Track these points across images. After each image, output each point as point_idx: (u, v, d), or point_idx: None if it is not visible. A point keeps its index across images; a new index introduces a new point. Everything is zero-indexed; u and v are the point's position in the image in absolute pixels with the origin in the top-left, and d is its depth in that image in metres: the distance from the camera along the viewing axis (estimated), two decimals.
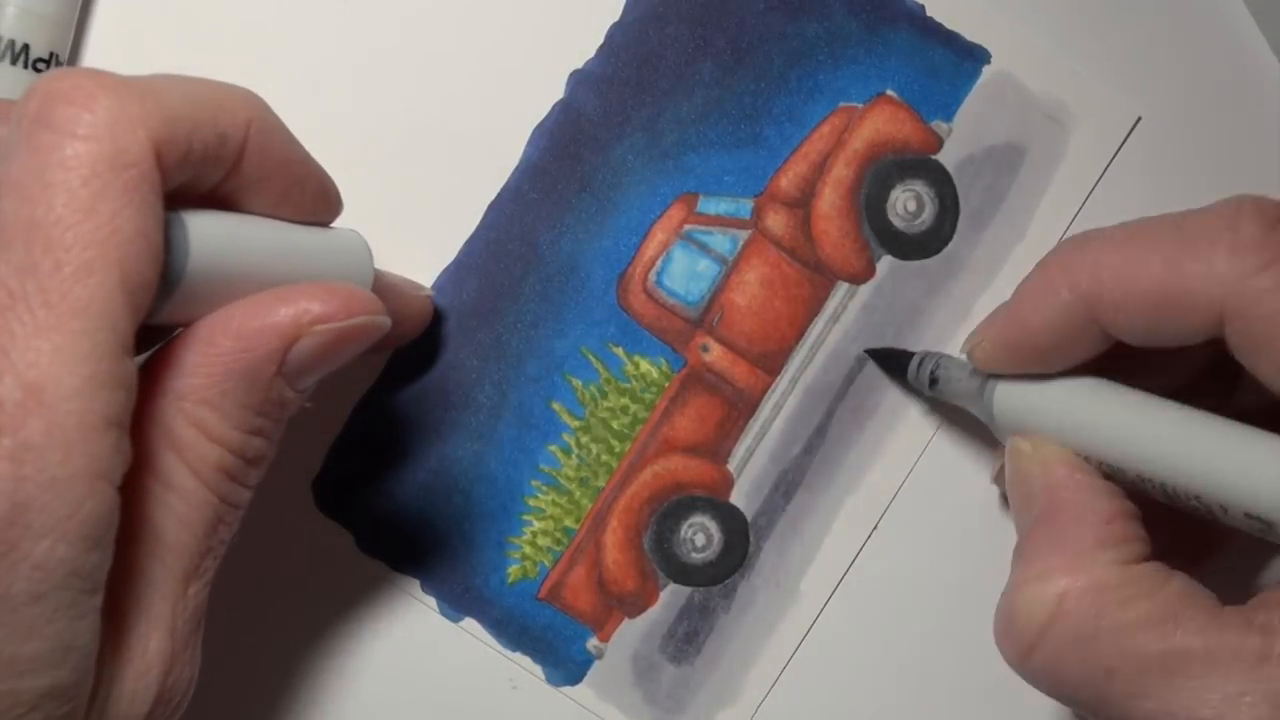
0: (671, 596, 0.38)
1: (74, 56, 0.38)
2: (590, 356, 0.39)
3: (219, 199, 0.29)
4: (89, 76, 0.25)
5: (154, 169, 0.25)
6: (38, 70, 0.36)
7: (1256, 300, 0.27)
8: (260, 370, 0.28)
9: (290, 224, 0.30)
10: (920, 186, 0.39)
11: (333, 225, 0.32)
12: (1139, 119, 0.39)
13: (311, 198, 0.30)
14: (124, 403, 0.25)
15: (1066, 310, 0.30)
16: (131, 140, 0.25)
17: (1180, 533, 0.32)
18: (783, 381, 0.39)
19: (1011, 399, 0.33)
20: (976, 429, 0.39)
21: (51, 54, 0.37)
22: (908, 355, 0.38)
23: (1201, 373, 0.33)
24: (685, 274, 0.39)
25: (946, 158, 0.39)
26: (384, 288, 0.33)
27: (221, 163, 0.28)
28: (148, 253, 0.25)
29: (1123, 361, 0.31)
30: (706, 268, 0.39)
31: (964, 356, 0.35)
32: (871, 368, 0.39)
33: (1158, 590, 0.29)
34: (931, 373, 0.37)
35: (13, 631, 0.24)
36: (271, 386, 0.28)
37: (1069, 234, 0.39)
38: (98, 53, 0.38)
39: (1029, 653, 0.30)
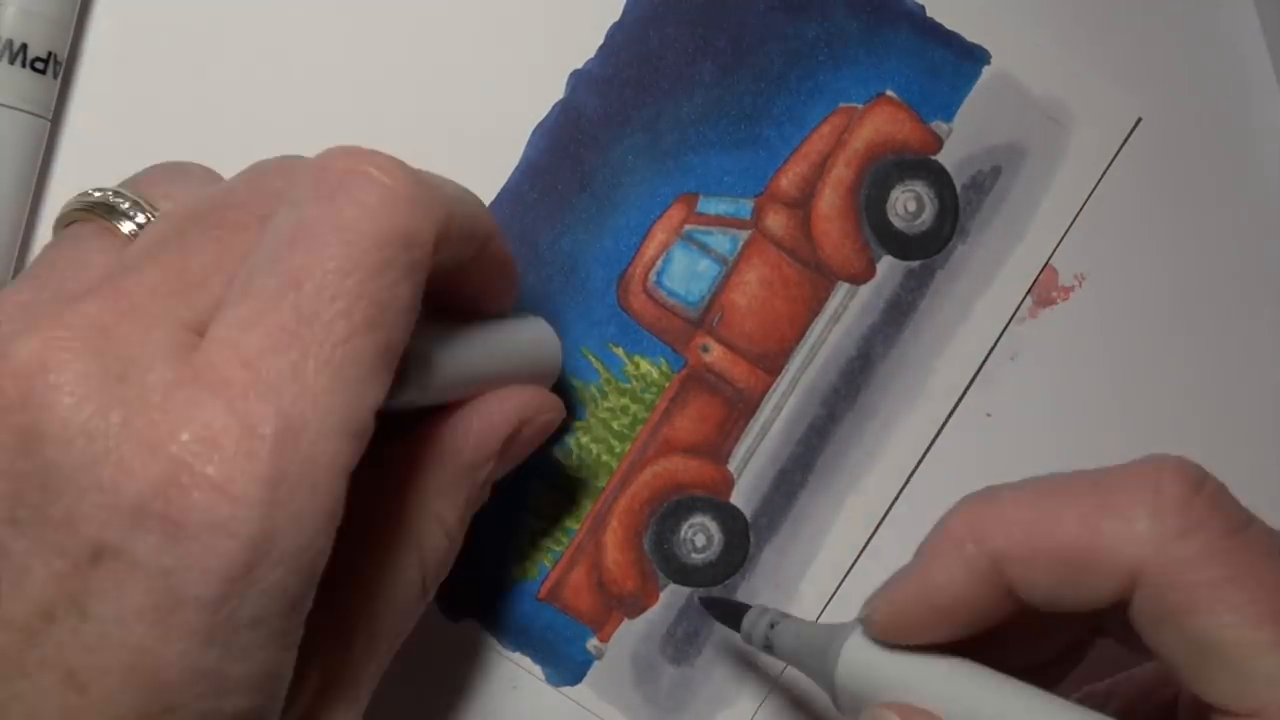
0: (671, 597, 0.38)
1: (73, 56, 0.38)
2: (590, 357, 0.39)
3: (451, 282, 0.31)
4: (385, 156, 0.27)
5: (429, 255, 0.27)
6: (36, 69, 0.36)
7: (1171, 570, 0.25)
8: (485, 463, 0.32)
9: (507, 324, 0.34)
10: (920, 187, 0.39)
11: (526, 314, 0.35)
12: (1139, 120, 0.39)
13: (507, 299, 0.34)
14: (361, 450, 0.26)
15: (971, 566, 0.28)
16: (421, 224, 0.27)
17: None
18: (783, 382, 0.39)
19: (861, 667, 0.30)
20: (980, 428, 0.39)
21: (50, 53, 0.36)
22: (744, 608, 0.35)
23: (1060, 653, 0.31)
24: (685, 274, 0.39)
25: (946, 158, 0.39)
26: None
27: (466, 255, 0.30)
28: (408, 328, 0.27)
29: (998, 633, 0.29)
30: (707, 268, 0.39)
31: (795, 617, 0.33)
32: (872, 367, 0.39)
33: None
34: (766, 633, 0.34)
35: (228, 652, 0.24)
36: (486, 484, 0.32)
37: (1068, 239, 0.39)
38: (97, 53, 0.38)
39: None
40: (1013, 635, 0.29)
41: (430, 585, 0.31)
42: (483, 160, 0.38)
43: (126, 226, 0.29)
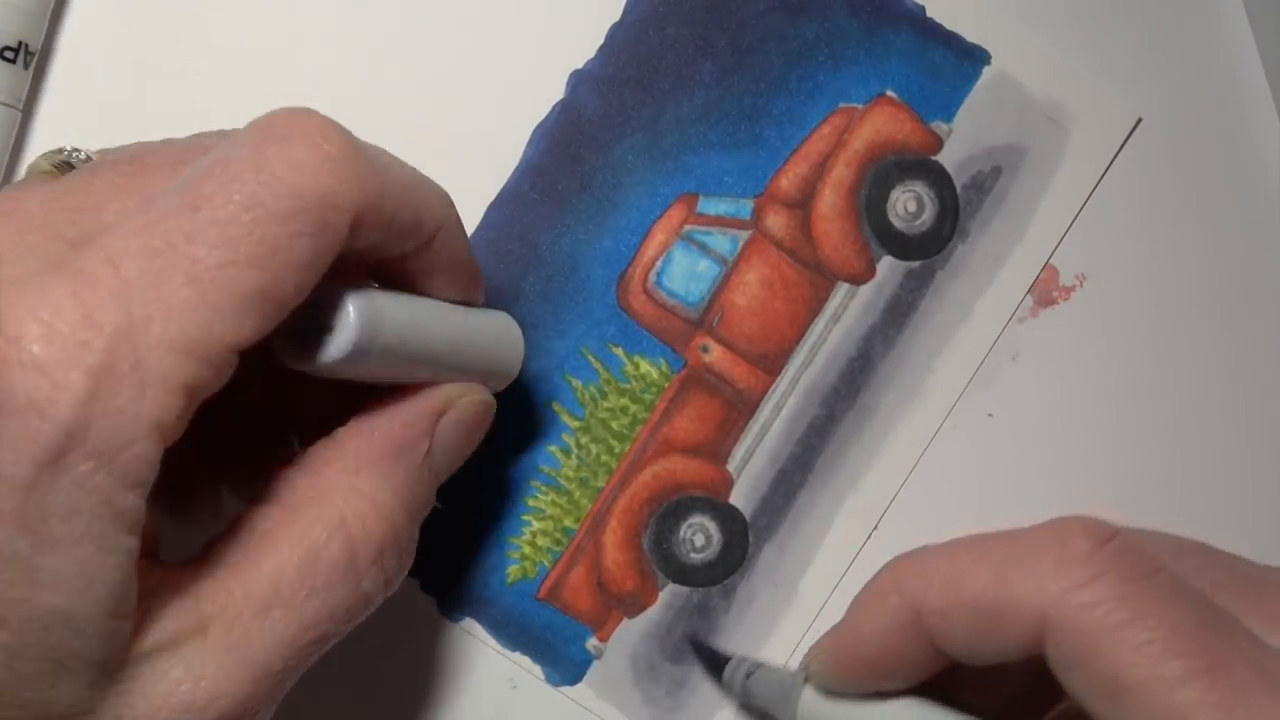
0: (671, 597, 0.39)
1: (47, 47, 0.38)
2: (590, 357, 0.39)
3: (395, 271, 0.31)
4: (332, 123, 0.27)
5: (348, 225, 0.27)
6: (5, 59, 0.36)
7: (1076, 615, 0.26)
8: (416, 445, 0.31)
9: (462, 309, 0.33)
10: (920, 187, 0.39)
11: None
12: (1139, 120, 0.39)
13: (468, 289, 0.33)
14: (206, 384, 0.26)
15: (894, 617, 0.29)
16: (346, 190, 0.27)
17: None
18: (783, 382, 0.39)
19: (816, 713, 0.31)
20: (979, 429, 0.39)
21: (20, 43, 0.36)
22: (725, 658, 0.36)
23: (1025, 691, 0.32)
24: (685, 274, 0.39)
25: (946, 158, 0.39)
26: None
27: (407, 244, 0.30)
28: (297, 283, 0.27)
29: (954, 680, 0.30)
30: (706, 268, 0.39)
31: (778, 665, 0.34)
32: (872, 367, 0.39)
33: None
34: (743, 684, 0.35)
35: (40, 541, 0.24)
36: (423, 468, 0.31)
37: (1068, 240, 0.39)
38: (75, 44, 0.38)
39: None
40: (967, 678, 0.30)
41: (365, 565, 0.30)
42: (483, 160, 0.38)
43: None
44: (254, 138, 0.27)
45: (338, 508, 0.29)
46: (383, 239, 0.29)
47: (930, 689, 0.30)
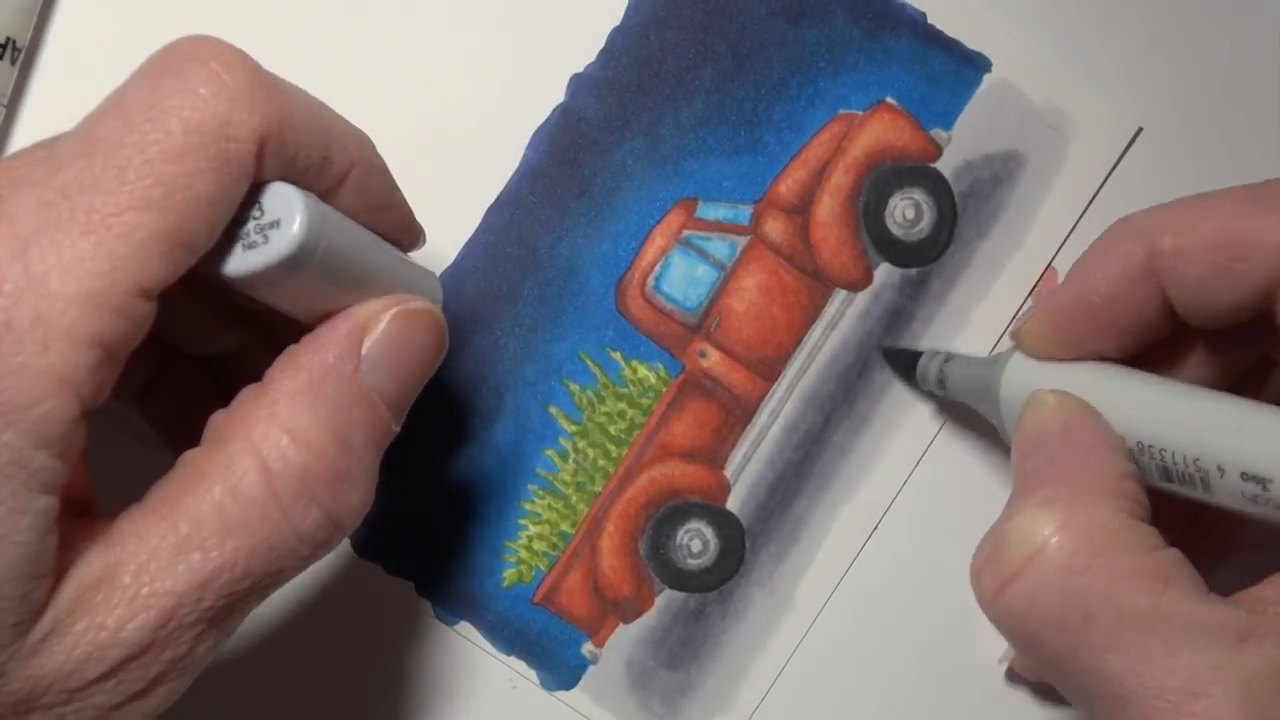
0: (667, 602, 0.38)
1: (34, 43, 0.37)
2: (588, 361, 0.39)
3: None
4: (232, 50, 0.27)
5: (250, 155, 0.26)
6: None
7: None
8: (340, 367, 0.28)
9: (388, 245, 0.31)
10: (919, 194, 0.39)
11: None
12: (1140, 129, 0.39)
13: (398, 234, 0.32)
14: (122, 335, 0.25)
15: (1127, 262, 0.29)
16: (245, 119, 0.26)
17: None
18: (780, 388, 0.39)
19: (1020, 377, 0.33)
20: (976, 434, 0.39)
21: (8, 39, 0.36)
22: (916, 354, 0.38)
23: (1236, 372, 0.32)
24: (684, 279, 0.39)
25: (946, 166, 0.39)
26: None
27: (320, 182, 0.29)
28: (206, 219, 0.26)
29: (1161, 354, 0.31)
30: (705, 273, 0.39)
31: (973, 352, 0.34)
32: (869, 374, 0.39)
33: (1155, 550, 0.28)
34: (939, 370, 0.36)
35: None
36: (358, 391, 0.29)
37: (1068, 245, 0.39)
38: (63, 40, 0.38)
39: (1009, 582, 0.29)
40: (1180, 357, 0.30)
41: (289, 499, 0.28)
42: (483, 163, 0.38)
43: None
44: (150, 71, 0.26)
45: (253, 441, 0.28)
46: (288, 172, 0.28)
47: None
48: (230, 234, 0.27)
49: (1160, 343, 0.31)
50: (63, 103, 0.38)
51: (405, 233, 0.32)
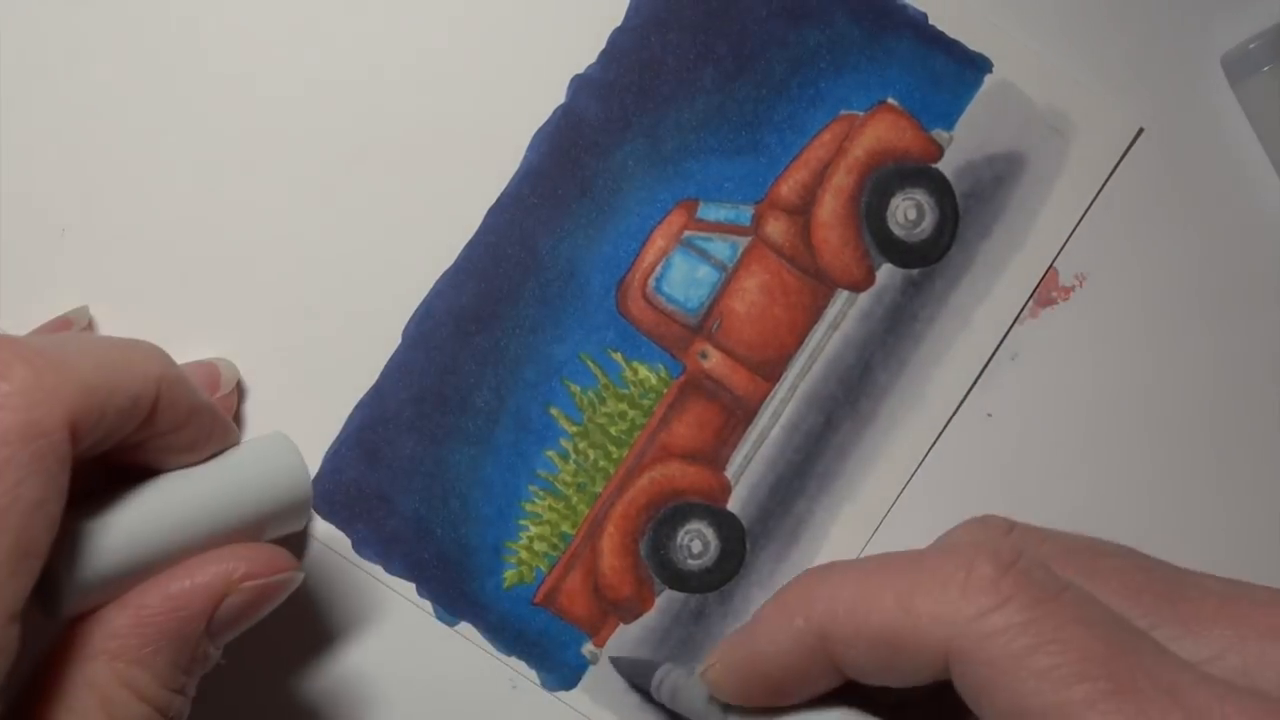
0: (667, 603, 0.38)
1: None
2: (589, 362, 0.39)
3: (130, 449, 0.30)
4: (6, 347, 0.26)
5: (65, 440, 0.26)
6: None
7: (979, 645, 0.26)
8: (190, 628, 0.30)
9: (212, 466, 0.32)
10: (920, 195, 0.39)
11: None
12: (1141, 130, 0.39)
13: (216, 439, 0.32)
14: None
15: (799, 640, 0.29)
16: (45, 412, 0.26)
17: None
18: (781, 389, 0.39)
19: None
20: (977, 436, 0.39)
21: None
22: (652, 667, 0.36)
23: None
24: (685, 280, 0.39)
25: (947, 166, 0.39)
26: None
27: (134, 421, 0.29)
28: (44, 522, 0.26)
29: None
30: (706, 274, 0.39)
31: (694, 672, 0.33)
32: (871, 375, 0.39)
33: None
34: (671, 692, 0.35)
35: None
36: (199, 644, 0.30)
37: (1069, 245, 0.39)
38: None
39: None
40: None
41: None
42: (483, 164, 0.38)
43: None
44: None
45: (106, 703, 0.29)
46: (107, 433, 0.28)
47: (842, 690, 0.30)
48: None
49: None
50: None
51: (219, 427, 0.32)
